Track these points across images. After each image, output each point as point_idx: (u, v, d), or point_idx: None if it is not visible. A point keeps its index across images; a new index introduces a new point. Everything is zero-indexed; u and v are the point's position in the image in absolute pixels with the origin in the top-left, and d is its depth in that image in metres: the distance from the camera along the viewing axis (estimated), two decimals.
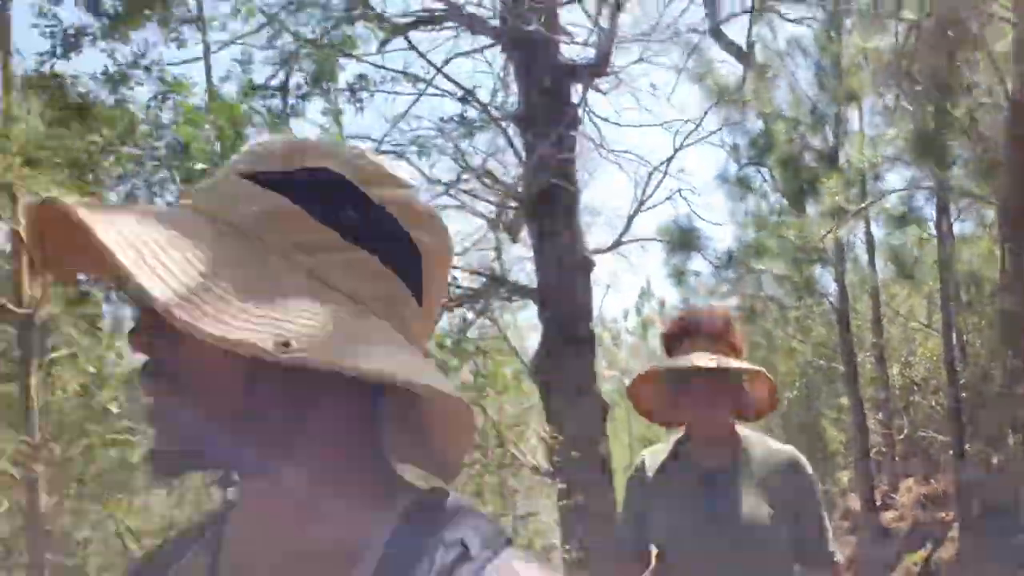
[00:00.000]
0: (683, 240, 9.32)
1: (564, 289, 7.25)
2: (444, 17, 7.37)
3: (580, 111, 7.48)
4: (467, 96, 7.25)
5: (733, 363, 2.03)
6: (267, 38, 6.50)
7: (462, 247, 7.69)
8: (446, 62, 7.68)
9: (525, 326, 10.52)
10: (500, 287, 7.55)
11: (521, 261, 8.56)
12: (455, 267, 7.85)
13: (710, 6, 8.86)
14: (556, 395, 7.19)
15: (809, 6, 9.07)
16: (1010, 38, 5.92)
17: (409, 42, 7.21)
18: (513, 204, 7.45)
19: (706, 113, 9.15)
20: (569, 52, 7.69)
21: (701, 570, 2.05)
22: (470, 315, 7.80)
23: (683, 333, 2.10)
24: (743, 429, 2.16)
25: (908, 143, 7.02)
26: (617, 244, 8.23)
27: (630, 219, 8.25)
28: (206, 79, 3.91)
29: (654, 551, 2.17)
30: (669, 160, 8.82)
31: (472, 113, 7.38)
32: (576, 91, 7.43)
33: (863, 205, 8.44)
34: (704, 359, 2.00)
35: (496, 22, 7.48)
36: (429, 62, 7.36)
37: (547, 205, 7.22)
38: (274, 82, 6.70)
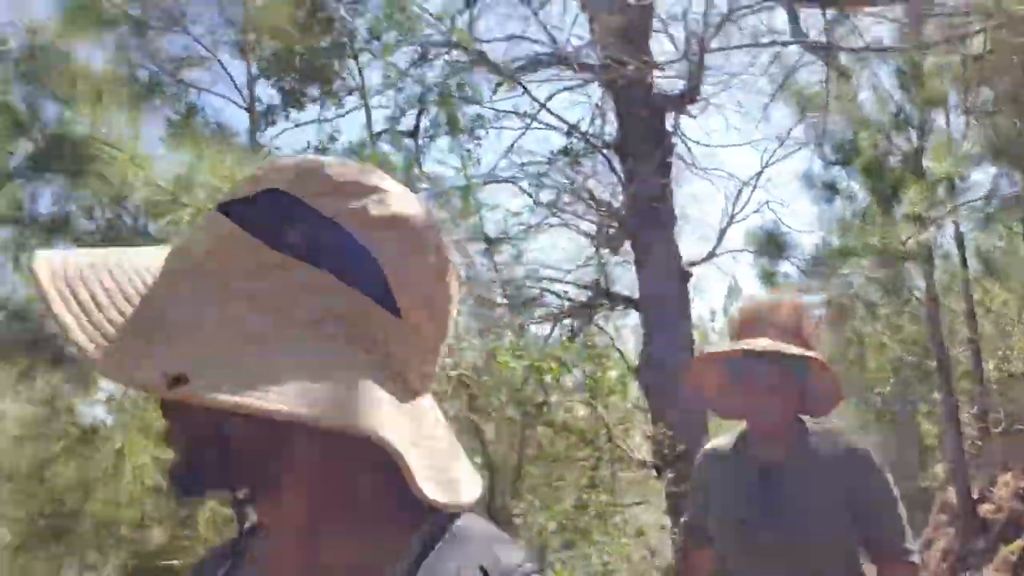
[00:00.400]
0: (771, 246, 9.70)
1: (664, 298, 7.78)
2: (550, 61, 8.15)
3: (673, 137, 8.12)
4: (572, 130, 8.02)
5: (776, 347, 1.88)
6: (398, 89, 7.47)
7: (572, 263, 8.43)
8: (549, 98, 8.35)
9: (628, 332, 11.06)
10: (605, 298, 8.22)
11: (620, 272, 9.17)
12: (563, 281, 8.62)
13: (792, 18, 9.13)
14: (659, 395, 7.73)
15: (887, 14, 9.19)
16: None
17: (522, 85, 7.97)
18: (614, 223, 8.13)
19: (791, 130, 9.39)
20: (661, 82, 8.32)
21: (752, 562, 2.00)
22: (576, 323, 8.52)
23: (748, 321, 2.00)
24: (811, 423, 2.05)
25: (985, 149, 7.32)
26: (711, 256, 8.72)
27: (722, 232, 8.75)
28: (369, 139, 4.75)
29: None
30: (758, 175, 9.26)
31: (575, 143, 8.14)
32: (669, 118, 8.06)
33: (948, 209, 8.61)
34: (752, 343, 1.89)
35: (593, 59, 8.11)
36: (535, 99, 8.13)
37: (646, 223, 7.79)
38: (401, 127, 7.68)
